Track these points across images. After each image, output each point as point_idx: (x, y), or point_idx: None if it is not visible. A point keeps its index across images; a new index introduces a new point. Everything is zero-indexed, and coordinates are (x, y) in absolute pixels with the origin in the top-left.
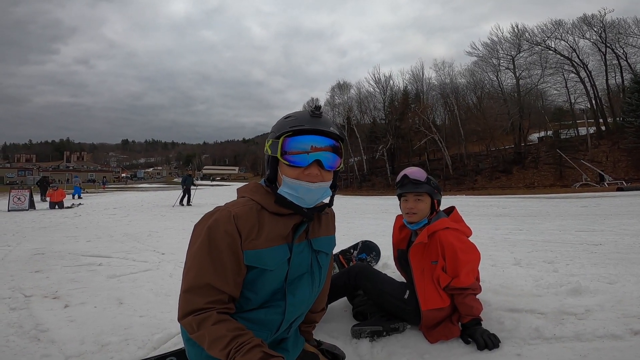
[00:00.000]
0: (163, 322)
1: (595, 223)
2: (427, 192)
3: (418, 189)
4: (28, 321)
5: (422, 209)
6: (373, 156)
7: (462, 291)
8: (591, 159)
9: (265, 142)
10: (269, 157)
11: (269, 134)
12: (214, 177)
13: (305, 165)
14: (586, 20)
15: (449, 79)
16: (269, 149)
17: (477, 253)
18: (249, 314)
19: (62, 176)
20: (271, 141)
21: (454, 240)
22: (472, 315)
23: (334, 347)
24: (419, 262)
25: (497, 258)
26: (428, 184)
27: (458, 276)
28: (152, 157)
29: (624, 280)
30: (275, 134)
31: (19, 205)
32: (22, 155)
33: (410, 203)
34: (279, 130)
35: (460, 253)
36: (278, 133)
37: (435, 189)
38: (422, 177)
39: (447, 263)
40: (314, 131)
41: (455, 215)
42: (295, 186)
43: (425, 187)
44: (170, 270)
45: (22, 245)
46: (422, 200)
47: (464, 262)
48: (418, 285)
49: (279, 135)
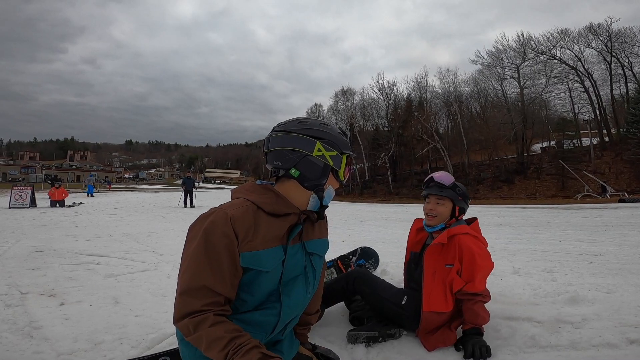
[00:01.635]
0: (158, 322)
1: (596, 234)
2: (449, 197)
3: (440, 192)
4: (22, 318)
5: (442, 213)
6: (375, 163)
7: (474, 297)
8: (594, 170)
9: (319, 146)
10: (328, 166)
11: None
12: (214, 180)
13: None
14: (592, 29)
15: (452, 87)
16: (329, 158)
17: (492, 262)
18: (244, 316)
19: (65, 174)
20: (336, 153)
21: (473, 245)
22: (474, 324)
23: (328, 352)
24: (433, 263)
25: (496, 267)
26: (453, 189)
27: (473, 281)
28: (154, 159)
29: (622, 290)
30: (338, 148)
31: (20, 203)
32: (26, 153)
33: (431, 205)
34: (342, 148)
35: (478, 258)
36: (343, 150)
37: (459, 196)
38: (448, 182)
39: (464, 267)
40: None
41: (476, 226)
42: (332, 195)
43: (448, 192)
44: (168, 272)
45: (21, 242)
46: (442, 204)
47: (481, 267)
48: (426, 287)
49: (342, 152)
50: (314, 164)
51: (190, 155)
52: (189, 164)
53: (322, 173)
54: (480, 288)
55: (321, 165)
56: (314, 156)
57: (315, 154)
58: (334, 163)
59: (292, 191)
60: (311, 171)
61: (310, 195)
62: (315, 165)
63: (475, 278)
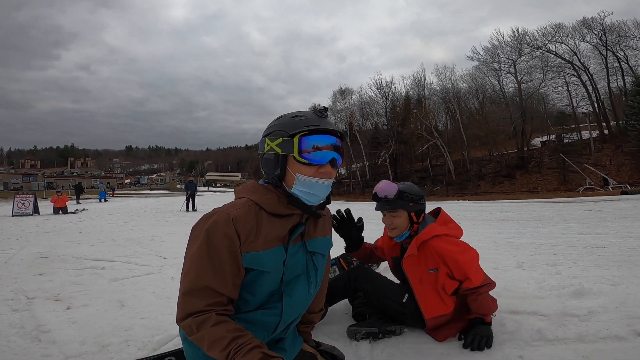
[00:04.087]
0: (164, 324)
1: (599, 226)
2: (401, 208)
3: (389, 207)
4: (30, 322)
5: (399, 224)
6: (375, 162)
7: (476, 290)
8: (595, 163)
9: (267, 141)
10: (278, 156)
11: (271, 132)
12: (215, 184)
13: (324, 162)
14: (586, 23)
15: (450, 83)
16: (276, 147)
17: (473, 251)
18: (246, 315)
19: (66, 182)
20: (281, 139)
21: (447, 245)
22: (479, 314)
23: (333, 349)
24: (416, 272)
25: (500, 261)
26: (401, 198)
27: (468, 278)
28: (155, 164)
29: (627, 282)
30: (285, 132)
31: (23, 210)
32: (27, 161)
33: (387, 219)
34: (292, 129)
35: (459, 255)
36: (291, 132)
37: (410, 201)
38: (392, 194)
39: (452, 269)
40: (326, 130)
41: (443, 217)
42: (312, 184)
43: (397, 204)
44: (172, 274)
45: (26, 249)
46: (397, 215)
47: (467, 262)
48: (418, 294)
49: (292, 134)
50: (268, 160)
51: (190, 160)
52: (189, 168)
53: (274, 164)
54: (478, 281)
55: (272, 157)
56: (266, 153)
57: (266, 150)
58: (284, 149)
59: None
60: (267, 167)
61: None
62: (268, 160)
63: (469, 274)
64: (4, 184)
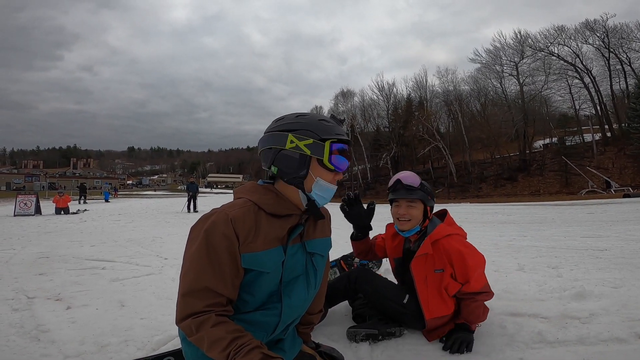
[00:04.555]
0: (164, 325)
1: (601, 229)
2: (420, 199)
3: (411, 195)
4: (30, 322)
5: (415, 216)
6: (377, 164)
7: (474, 296)
8: (597, 166)
9: (290, 137)
10: (305, 156)
11: (296, 129)
12: (215, 185)
13: (343, 170)
14: (588, 25)
15: (452, 86)
16: (304, 147)
17: (481, 255)
18: (245, 316)
19: (69, 182)
20: (312, 141)
21: (459, 245)
22: (467, 320)
23: (332, 350)
24: (422, 271)
25: (501, 264)
26: (422, 190)
27: (469, 281)
28: (157, 165)
29: (629, 285)
30: (316, 135)
31: (25, 210)
32: (30, 162)
33: (403, 209)
34: (324, 134)
35: (469, 257)
36: (323, 136)
37: (428, 195)
38: (416, 183)
39: (456, 270)
40: (347, 140)
41: (449, 219)
42: (328, 189)
43: (419, 194)
44: (172, 275)
45: (27, 248)
46: (414, 206)
47: (474, 266)
48: (421, 295)
49: (323, 138)
50: (289, 157)
51: (192, 161)
52: (191, 170)
53: (299, 164)
54: (478, 287)
55: (296, 156)
56: (287, 149)
57: (288, 146)
58: (313, 151)
59: (288, 190)
60: (287, 165)
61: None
62: (290, 158)
63: (471, 278)
64: (6, 184)
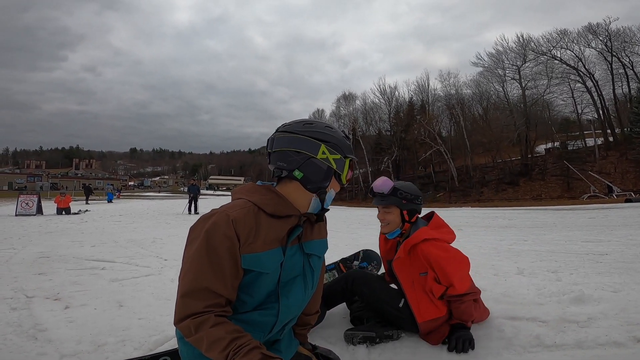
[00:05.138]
0: (161, 325)
1: (602, 234)
2: (394, 204)
3: (384, 202)
4: (27, 321)
5: (392, 220)
6: (378, 168)
7: (460, 298)
8: (599, 170)
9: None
10: (331, 169)
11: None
12: (217, 187)
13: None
14: (591, 29)
15: (454, 89)
16: (333, 161)
17: (463, 258)
18: (243, 316)
19: (71, 183)
20: (340, 157)
21: (436, 250)
22: (461, 320)
23: (329, 352)
24: (407, 274)
25: (500, 267)
26: (394, 195)
27: (452, 285)
28: (159, 166)
29: (628, 289)
30: (342, 151)
31: (26, 210)
32: (32, 162)
33: (380, 214)
34: (346, 152)
35: (445, 263)
36: (346, 154)
37: (403, 199)
38: (387, 189)
39: (438, 274)
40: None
41: (436, 221)
42: (332, 197)
43: (391, 199)
44: (172, 276)
45: (28, 248)
46: (389, 212)
47: (453, 271)
48: (410, 298)
49: (345, 156)
50: (318, 167)
51: (194, 163)
52: (193, 171)
53: (326, 176)
54: (461, 290)
55: (325, 168)
56: (318, 159)
57: (319, 156)
58: (337, 166)
59: (294, 193)
60: (315, 174)
61: (312, 197)
62: (319, 168)
63: (453, 281)
64: (8, 184)
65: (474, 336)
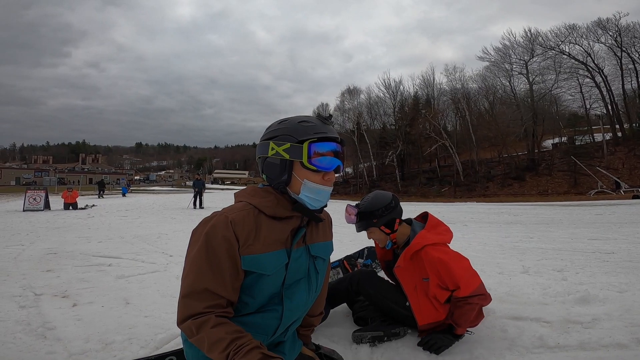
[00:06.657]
0: (167, 323)
1: (609, 231)
2: (369, 227)
3: (360, 229)
4: (36, 319)
5: (378, 238)
6: (383, 162)
7: (467, 299)
8: (607, 166)
9: (271, 145)
10: (285, 161)
11: (276, 136)
12: (222, 181)
13: (331, 170)
14: (601, 24)
15: (460, 84)
16: (283, 152)
17: (465, 259)
18: (245, 318)
19: (76, 177)
20: (289, 145)
21: (439, 254)
22: (455, 323)
23: (332, 352)
24: (409, 280)
25: (505, 266)
26: (364, 219)
27: (459, 287)
28: (164, 161)
29: (634, 289)
30: (293, 138)
31: (34, 206)
32: (39, 157)
33: (368, 236)
34: (301, 135)
35: (452, 263)
36: (300, 138)
37: (374, 218)
38: (354, 220)
39: (444, 278)
40: (332, 138)
41: (432, 221)
42: (319, 190)
43: (363, 225)
44: (177, 272)
45: (36, 244)
46: (371, 232)
47: (459, 270)
48: (412, 302)
49: (301, 140)
50: (272, 164)
51: (199, 157)
52: (197, 166)
53: (281, 170)
54: (469, 290)
55: (277, 162)
56: (270, 157)
57: (270, 154)
58: (292, 155)
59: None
60: (271, 171)
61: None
62: (273, 164)
63: (460, 283)
64: (16, 179)
65: (476, 336)
